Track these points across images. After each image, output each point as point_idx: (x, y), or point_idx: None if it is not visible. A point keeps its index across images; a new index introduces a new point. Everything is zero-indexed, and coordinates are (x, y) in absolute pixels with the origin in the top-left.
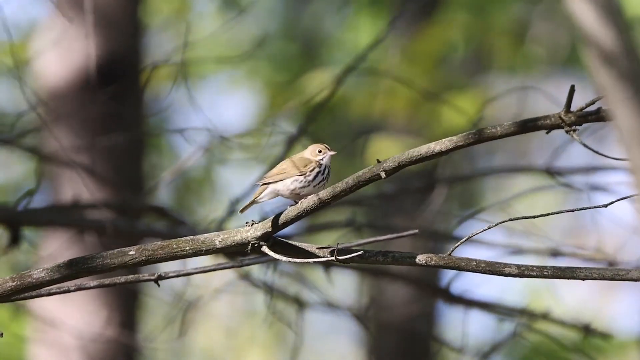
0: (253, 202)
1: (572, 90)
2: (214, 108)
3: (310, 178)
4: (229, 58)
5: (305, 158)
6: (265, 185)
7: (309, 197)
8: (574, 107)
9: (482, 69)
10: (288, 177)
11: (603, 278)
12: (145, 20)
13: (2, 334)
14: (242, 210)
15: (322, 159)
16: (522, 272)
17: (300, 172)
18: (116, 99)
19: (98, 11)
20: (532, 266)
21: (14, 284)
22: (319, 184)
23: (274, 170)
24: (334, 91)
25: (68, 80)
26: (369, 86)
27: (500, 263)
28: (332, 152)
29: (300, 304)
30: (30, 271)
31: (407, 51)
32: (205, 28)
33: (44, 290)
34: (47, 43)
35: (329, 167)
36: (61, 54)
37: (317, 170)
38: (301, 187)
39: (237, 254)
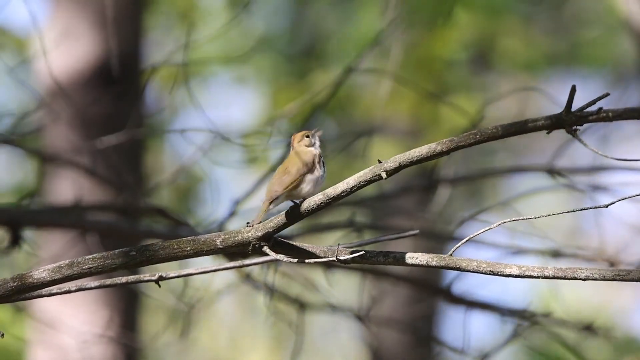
0: (266, 211)
1: (573, 90)
2: (217, 108)
3: (322, 172)
4: (232, 58)
5: (302, 151)
6: (276, 196)
7: (310, 198)
8: (575, 107)
9: (485, 69)
10: (304, 181)
11: (604, 279)
12: (147, 20)
13: (2, 335)
14: (256, 223)
15: (314, 144)
16: (523, 272)
17: (313, 168)
18: (117, 99)
19: (99, 11)
20: (533, 267)
21: (15, 284)
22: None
23: (286, 179)
24: (334, 92)
25: (69, 80)
26: (371, 87)
27: (501, 264)
28: (319, 132)
29: (301, 304)
30: (31, 271)
31: (412, 53)
32: (210, 26)
33: (45, 290)
34: (48, 42)
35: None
36: (62, 53)
37: (322, 160)
38: (319, 186)
39: (238, 254)
